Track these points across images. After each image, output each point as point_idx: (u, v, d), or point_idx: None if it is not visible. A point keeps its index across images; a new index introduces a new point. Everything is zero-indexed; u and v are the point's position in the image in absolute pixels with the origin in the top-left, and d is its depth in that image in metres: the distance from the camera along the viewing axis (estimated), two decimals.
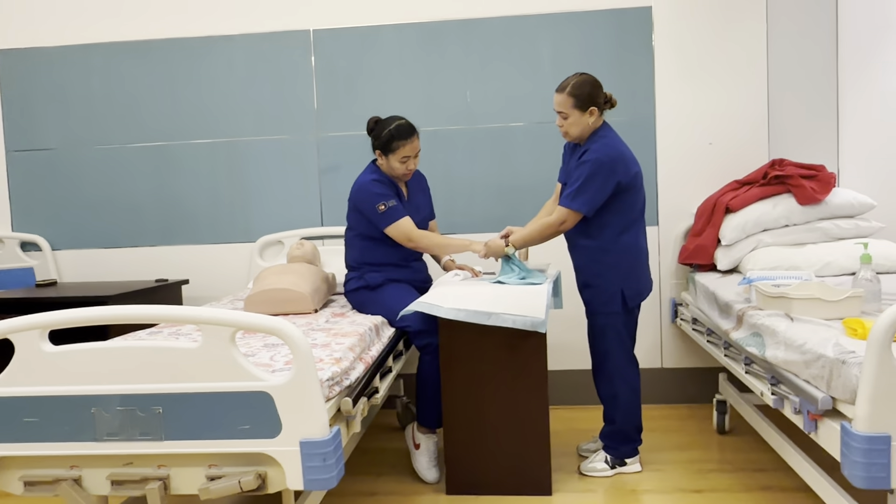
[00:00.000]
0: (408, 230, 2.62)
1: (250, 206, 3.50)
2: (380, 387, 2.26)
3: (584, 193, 2.32)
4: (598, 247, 2.41)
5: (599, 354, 2.48)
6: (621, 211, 2.39)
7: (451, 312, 2.29)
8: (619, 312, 2.41)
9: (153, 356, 1.65)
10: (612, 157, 2.31)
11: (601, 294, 2.42)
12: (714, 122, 3.25)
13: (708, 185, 3.26)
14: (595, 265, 2.42)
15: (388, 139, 2.62)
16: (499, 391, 2.33)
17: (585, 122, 2.38)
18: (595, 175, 2.30)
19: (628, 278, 2.41)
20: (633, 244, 2.42)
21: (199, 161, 3.51)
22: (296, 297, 2.65)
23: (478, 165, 3.39)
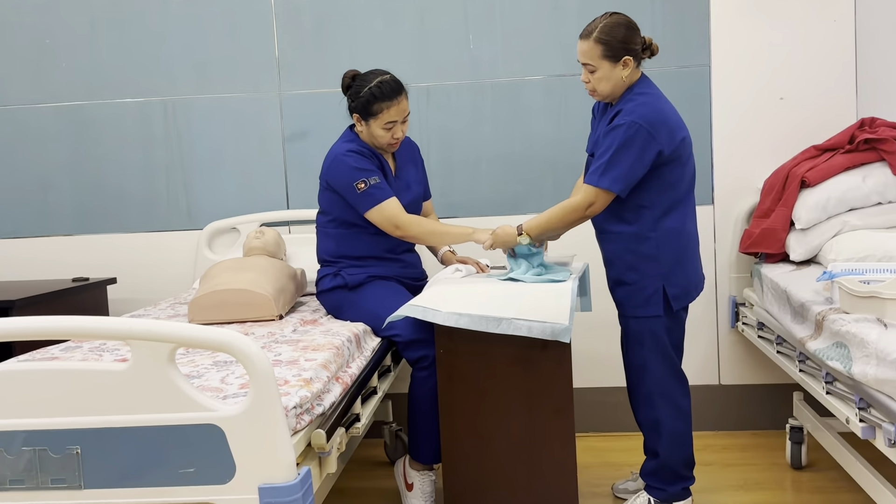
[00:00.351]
0: (394, 215, 2.60)
1: (195, 184, 3.49)
2: (362, 413, 2.26)
3: (616, 167, 2.30)
4: (633, 234, 2.40)
5: (635, 369, 2.47)
6: (663, 188, 2.37)
7: (451, 318, 2.28)
8: (660, 316, 2.41)
9: (68, 381, 1.63)
10: (651, 119, 2.29)
11: (638, 293, 2.41)
12: (786, 71, 3.23)
13: (778, 153, 3.24)
14: (630, 257, 2.41)
15: (368, 100, 2.60)
16: (512, 416, 2.32)
17: (618, 75, 2.35)
18: (630, 143, 2.28)
19: (672, 273, 2.40)
20: (679, 230, 2.41)
21: (126, 126, 3.49)
22: (254, 299, 2.64)
23: (484, 131, 3.37)
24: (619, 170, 2.30)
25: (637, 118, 2.29)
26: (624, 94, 2.39)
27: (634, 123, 2.28)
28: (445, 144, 3.39)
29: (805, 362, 2.46)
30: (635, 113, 2.30)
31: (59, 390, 1.63)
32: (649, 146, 2.29)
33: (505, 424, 2.33)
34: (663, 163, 2.34)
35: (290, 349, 2.24)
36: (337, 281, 2.72)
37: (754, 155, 3.26)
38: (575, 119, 3.31)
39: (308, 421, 1.84)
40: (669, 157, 2.34)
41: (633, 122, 2.28)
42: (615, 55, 2.33)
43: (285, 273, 2.84)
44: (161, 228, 3.51)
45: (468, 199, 3.39)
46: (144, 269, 3.51)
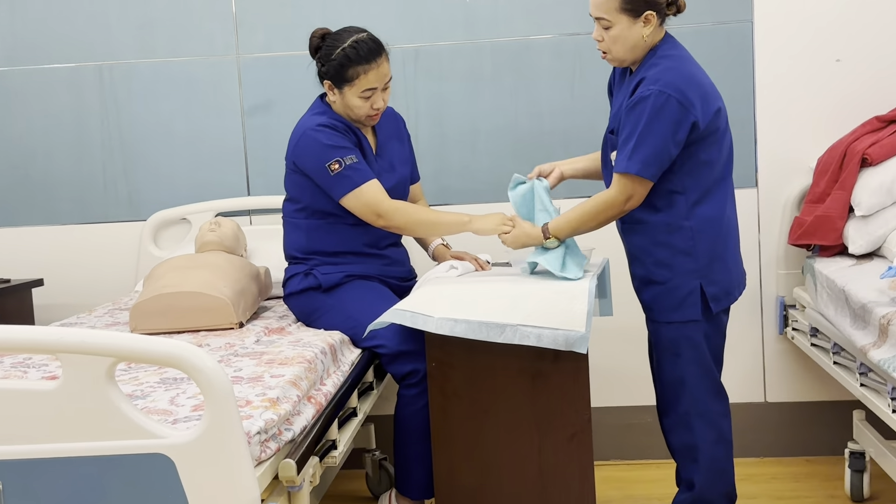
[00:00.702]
0: (376, 201, 2.61)
1: (137, 167, 3.49)
2: (339, 439, 2.25)
3: (644, 146, 2.29)
4: (665, 224, 2.40)
5: (669, 385, 2.48)
6: (698, 169, 2.37)
7: (446, 325, 2.28)
8: (698, 321, 2.41)
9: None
10: (681, 86, 2.29)
11: (671, 294, 2.42)
12: (843, 28, 3.24)
13: (834, 126, 3.25)
14: (661, 251, 2.41)
15: (341, 63, 2.61)
16: (518, 443, 2.33)
17: (637, 34, 2.35)
18: (658, 117, 2.28)
19: (711, 269, 2.40)
20: (718, 217, 2.41)
21: (53, 97, 3.49)
22: (209, 304, 2.64)
23: (482, 101, 3.37)
24: (647, 150, 2.29)
25: (664, 86, 2.28)
26: (645, 59, 2.39)
27: (662, 93, 2.27)
28: (436, 117, 3.38)
29: (867, 375, 2.46)
30: (661, 80, 2.29)
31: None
32: (683, 117, 2.28)
33: (510, 451, 2.33)
34: (697, 139, 2.34)
35: (253, 363, 2.23)
36: (308, 281, 2.72)
37: (805, 128, 3.27)
38: (591, 85, 3.30)
39: (275, 449, 1.84)
40: (704, 131, 2.33)
41: (661, 92, 2.27)
42: (635, 9, 2.33)
43: (246, 272, 2.84)
44: (97, 220, 3.51)
45: (463, 181, 3.39)
46: (77, 269, 3.50)
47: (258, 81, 3.43)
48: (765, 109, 3.28)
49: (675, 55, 2.37)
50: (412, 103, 3.38)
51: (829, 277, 2.79)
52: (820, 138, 3.25)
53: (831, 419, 3.34)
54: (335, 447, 2.20)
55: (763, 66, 3.27)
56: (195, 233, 3.34)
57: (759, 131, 3.29)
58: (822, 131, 3.25)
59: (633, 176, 2.31)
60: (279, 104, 3.42)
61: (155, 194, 3.48)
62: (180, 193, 3.47)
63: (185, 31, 3.43)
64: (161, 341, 1.60)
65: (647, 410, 3.36)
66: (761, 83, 3.28)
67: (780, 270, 3.29)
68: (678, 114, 2.28)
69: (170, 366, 1.60)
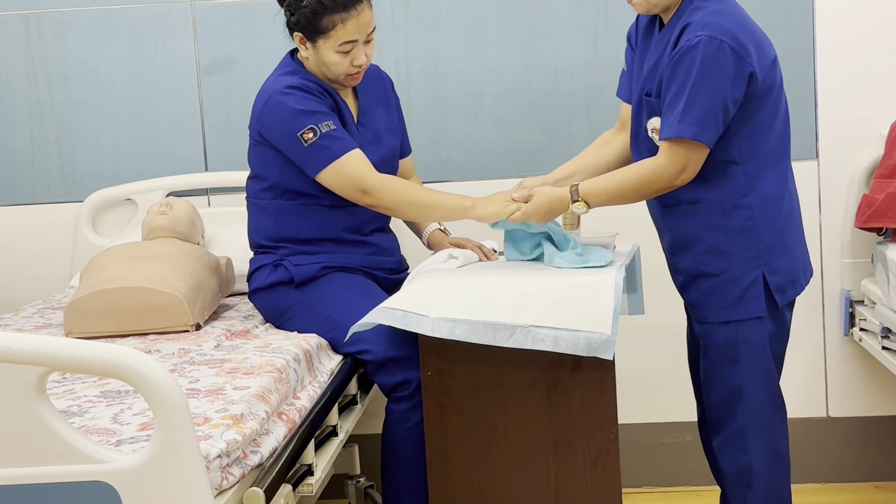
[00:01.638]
0: (359, 175, 2.62)
1: (72, 138, 3.50)
2: (316, 463, 2.26)
3: (697, 104, 2.30)
4: (718, 202, 2.41)
5: (722, 395, 2.49)
6: (756, 133, 2.39)
7: (444, 326, 2.29)
8: (762, 318, 2.42)
9: None
10: (732, 30, 2.30)
11: (728, 288, 2.43)
12: None
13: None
14: (714, 236, 2.42)
15: (314, 11, 2.62)
16: (531, 466, 2.34)
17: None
18: (711, 67, 2.29)
19: (775, 254, 2.42)
20: (779, 193, 2.43)
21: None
22: (160, 302, 2.66)
23: (488, 57, 3.38)
24: (701, 108, 2.29)
25: (714, 31, 2.29)
26: (683, 3, 2.39)
27: (713, 39, 2.28)
28: (432, 77, 3.39)
29: None
30: (711, 24, 2.30)
31: None
32: (739, 69, 2.30)
33: (521, 478, 2.34)
34: (754, 95, 2.35)
35: (213, 373, 2.24)
36: (278, 274, 2.73)
37: (875, 91, 3.28)
38: (618, 38, 3.27)
39: (239, 475, 1.84)
40: (762, 85, 2.35)
41: (712, 38, 2.28)
42: None
43: (203, 263, 2.84)
44: (23, 201, 3.52)
45: (465, 154, 3.40)
46: (0, 260, 3.51)
47: (216, 34, 3.43)
48: (827, 69, 3.29)
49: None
50: (402, 60, 3.38)
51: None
52: (892, 101, 3.26)
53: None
54: (311, 472, 2.21)
55: (824, 17, 3.28)
56: (142, 216, 3.34)
57: (819, 93, 3.30)
58: (894, 93, 3.26)
59: (688, 141, 2.31)
60: (242, 61, 3.42)
61: (94, 170, 3.49)
62: (124, 169, 3.48)
63: None
64: (101, 347, 1.60)
65: (685, 427, 3.36)
66: (823, 36, 3.28)
67: (846, 259, 3.30)
68: (734, 63, 2.29)
69: (112, 376, 1.61)
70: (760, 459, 2.46)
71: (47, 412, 1.62)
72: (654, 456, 3.42)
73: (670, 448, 3.41)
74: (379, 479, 2.75)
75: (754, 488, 2.47)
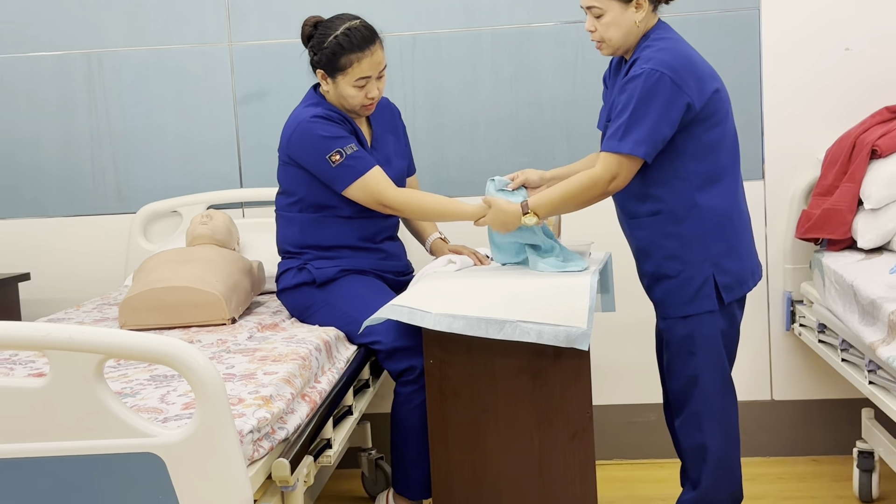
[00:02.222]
0: (380, 188, 2.63)
1: (126, 158, 3.49)
2: (334, 438, 2.26)
3: (638, 126, 2.30)
4: (670, 213, 2.41)
5: (681, 382, 2.48)
6: (701, 153, 2.39)
7: (443, 321, 2.29)
8: (713, 312, 2.42)
9: None
10: (673, 65, 2.31)
11: (684, 287, 2.42)
12: (853, 15, 3.24)
13: (843, 116, 3.25)
14: (670, 242, 2.42)
15: (334, 51, 2.61)
16: (518, 441, 2.33)
17: (630, 20, 2.37)
18: (651, 95, 2.29)
19: (723, 256, 2.42)
20: (727, 207, 2.43)
21: (40, 86, 3.49)
22: (201, 299, 2.65)
23: (482, 90, 3.37)
24: (641, 129, 2.30)
25: (657, 65, 2.30)
26: (639, 44, 2.40)
27: (655, 71, 2.29)
28: (434, 107, 3.38)
29: (876, 372, 2.46)
30: (654, 59, 2.31)
31: None
32: (676, 98, 2.29)
33: (509, 451, 2.34)
34: (695, 121, 2.35)
35: (246, 360, 2.23)
36: (302, 276, 2.72)
37: (814, 119, 3.27)
38: (594, 75, 3.29)
39: (268, 448, 1.84)
40: (701, 113, 2.34)
41: (654, 70, 2.29)
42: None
43: (238, 267, 2.84)
44: (85, 212, 3.51)
45: (462, 173, 3.39)
46: (64, 263, 3.50)
47: (251, 70, 3.43)
48: (772, 100, 3.29)
49: (668, 38, 2.39)
50: (409, 93, 3.38)
51: (838, 272, 2.79)
52: (828, 129, 3.25)
53: (839, 418, 3.34)
54: (330, 446, 2.21)
55: (770, 56, 3.27)
56: (186, 226, 3.34)
57: (765, 122, 3.30)
58: (830, 122, 3.25)
59: (622, 155, 2.32)
60: (273, 93, 3.42)
61: (145, 186, 3.48)
62: (171, 185, 3.47)
63: (175, 18, 3.42)
64: (151, 338, 1.60)
65: (650, 408, 3.37)
66: (768, 73, 3.28)
67: (788, 265, 3.30)
68: (671, 92, 2.29)
69: (160, 363, 1.60)
70: (713, 437, 2.46)
71: (104, 393, 1.62)
72: (623, 432, 3.42)
73: (638, 426, 3.41)
74: (388, 452, 2.75)
75: (708, 461, 2.47)
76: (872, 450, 2.91)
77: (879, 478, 2.95)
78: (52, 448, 1.61)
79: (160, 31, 3.43)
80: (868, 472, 2.93)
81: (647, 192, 2.42)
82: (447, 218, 2.68)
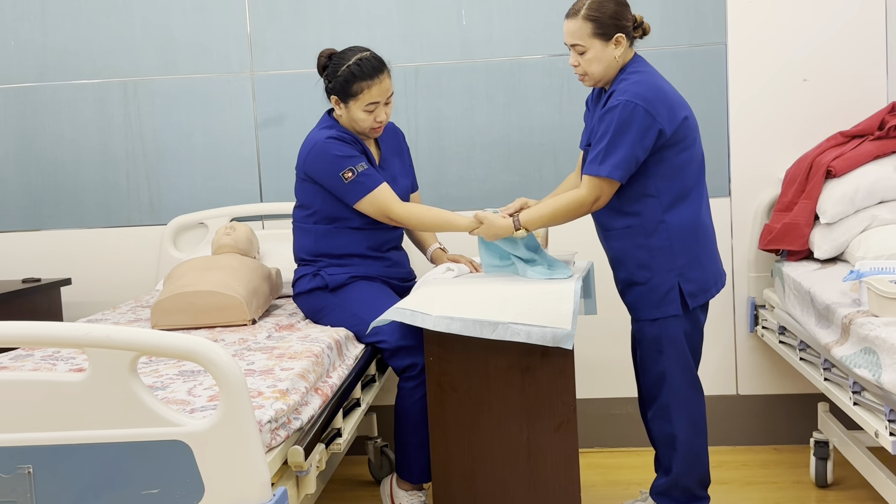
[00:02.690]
0: (387, 203, 2.62)
1: (158, 175, 3.48)
2: (344, 428, 2.25)
3: (616, 152, 2.31)
4: (641, 227, 2.42)
5: (651, 378, 2.48)
6: (670, 174, 2.39)
7: (442, 322, 2.28)
8: (677, 316, 2.42)
9: (18, 393, 1.62)
10: (647, 96, 2.32)
11: (652, 293, 2.43)
12: (810, 50, 3.24)
13: (801, 140, 3.26)
14: (640, 253, 2.43)
15: (346, 79, 2.61)
16: (509, 431, 2.33)
17: (610, 55, 2.38)
18: (627, 124, 2.30)
19: (687, 267, 2.42)
20: (692, 221, 2.43)
21: (82, 110, 3.48)
22: (224, 302, 2.64)
23: (477, 116, 3.37)
24: (618, 155, 2.32)
25: (632, 97, 2.31)
26: (617, 76, 2.42)
27: (630, 103, 2.30)
28: (435, 130, 3.38)
29: (831, 370, 2.47)
30: (629, 91, 2.32)
31: (8, 403, 1.62)
32: (650, 125, 2.31)
33: (501, 439, 2.33)
34: (666, 145, 2.36)
35: (265, 357, 2.23)
36: (316, 282, 2.71)
37: (775, 142, 3.27)
38: (577, 103, 3.31)
39: (284, 436, 1.84)
40: (672, 138, 2.36)
41: (629, 102, 2.30)
42: (606, 32, 2.36)
43: (258, 273, 2.84)
44: (121, 224, 3.50)
45: (460, 190, 3.39)
46: (102, 269, 3.50)
47: (271, 97, 3.43)
48: (737, 125, 3.29)
49: (642, 71, 2.40)
50: (412, 118, 3.38)
51: (796, 280, 2.79)
52: (788, 152, 3.26)
53: (798, 411, 3.34)
54: (340, 435, 2.21)
55: (736, 85, 3.28)
56: (212, 236, 3.34)
57: (732, 145, 3.29)
58: (790, 145, 3.26)
59: (603, 178, 2.33)
60: (290, 118, 3.42)
61: (175, 200, 3.48)
62: (198, 199, 3.47)
63: (203, 50, 3.42)
64: (180, 336, 1.60)
65: (628, 402, 3.37)
66: (734, 101, 3.28)
67: (751, 273, 3.29)
68: (645, 121, 2.31)
69: (188, 359, 1.60)
70: (682, 428, 2.46)
71: (137, 387, 1.62)
72: (604, 423, 3.41)
73: (616, 417, 3.40)
74: (392, 440, 2.74)
75: (678, 450, 2.46)
76: (827, 440, 2.91)
77: (834, 465, 2.95)
78: (91, 436, 1.62)
79: (189, 61, 3.43)
80: (824, 460, 2.93)
81: (622, 209, 2.43)
82: (444, 229, 2.67)
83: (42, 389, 1.62)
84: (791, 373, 3.33)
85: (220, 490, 1.61)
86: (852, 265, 2.75)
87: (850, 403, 2.29)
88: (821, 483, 2.95)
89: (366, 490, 3.11)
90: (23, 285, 3.18)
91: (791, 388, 3.35)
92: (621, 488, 3.01)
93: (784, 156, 3.26)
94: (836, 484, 2.96)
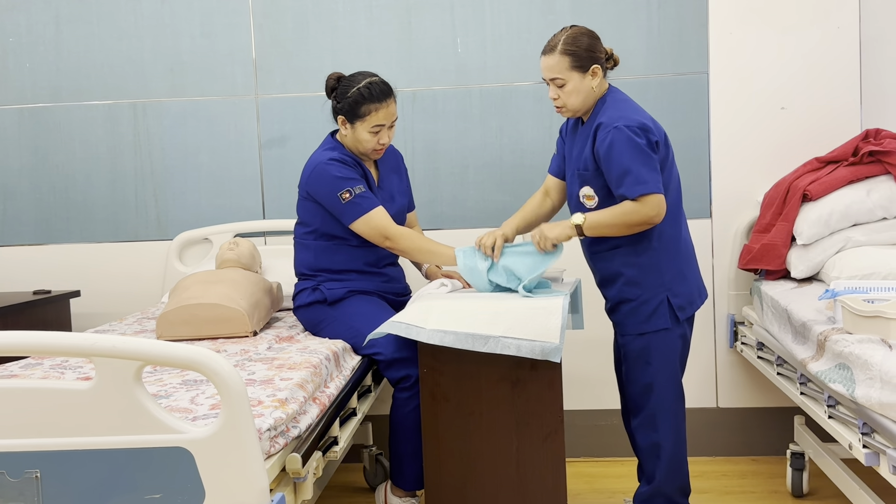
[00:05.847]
0: (383, 225, 2.62)
1: (165, 192, 3.48)
2: (340, 436, 2.25)
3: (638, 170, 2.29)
4: (632, 246, 2.42)
5: (638, 388, 2.48)
6: None
7: (436, 335, 2.28)
8: (667, 329, 2.43)
9: (28, 400, 1.62)
10: (632, 117, 2.35)
11: (641, 309, 2.43)
12: (787, 79, 3.26)
13: (779, 165, 3.26)
14: (631, 271, 2.43)
15: (356, 100, 2.62)
16: (499, 440, 2.32)
17: (588, 86, 2.40)
18: (630, 144, 2.31)
19: (674, 281, 2.43)
20: (676, 238, 2.44)
21: (92, 130, 3.48)
22: (227, 314, 2.64)
23: (471, 139, 3.38)
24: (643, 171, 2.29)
25: (618, 122, 2.33)
26: (595, 107, 2.44)
27: (621, 128, 2.32)
28: (431, 152, 3.39)
29: (806, 385, 2.47)
30: (614, 117, 2.35)
31: (17, 410, 1.61)
32: (647, 138, 2.33)
33: (492, 448, 2.33)
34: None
35: (265, 368, 2.23)
36: (315, 296, 2.71)
37: (754, 167, 3.28)
38: None
39: (283, 444, 1.83)
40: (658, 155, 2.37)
41: (619, 128, 2.32)
42: (583, 65, 2.38)
43: (260, 287, 2.83)
44: (129, 238, 3.50)
45: (454, 209, 3.39)
46: (110, 282, 3.49)
47: (274, 119, 3.43)
48: (718, 149, 3.30)
49: (620, 99, 2.43)
50: (409, 140, 3.38)
51: (774, 298, 2.80)
52: (766, 176, 3.27)
53: (775, 423, 3.34)
54: (336, 443, 2.20)
55: (717, 112, 3.29)
56: (216, 251, 3.33)
57: (713, 168, 3.31)
58: (768, 170, 3.27)
59: (651, 194, 2.30)
60: (292, 139, 3.42)
61: (180, 216, 3.47)
62: (203, 216, 3.47)
63: (210, 74, 3.43)
64: (183, 347, 1.60)
65: (613, 413, 3.36)
66: (715, 127, 3.29)
67: (731, 291, 3.30)
68: (642, 136, 2.33)
69: (191, 369, 1.60)
70: (667, 437, 2.46)
71: (142, 395, 1.61)
72: (590, 434, 3.40)
73: (602, 428, 3.40)
74: (387, 449, 2.73)
75: (661, 459, 2.46)
76: (803, 451, 2.90)
77: (809, 475, 2.94)
78: (97, 442, 1.61)
79: (197, 84, 3.44)
80: (800, 471, 2.92)
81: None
82: (436, 260, 2.64)
83: (50, 397, 1.62)
84: (769, 387, 3.32)
85: (220, 495, 1.60)
86: (827, 284, 2.76)
87: (825, 417, 2.29)
88: (797, 493, 2.94)
89: (361, 497, 3.10)
90: (34, 297, 3.17)
91: (769, 401, 3.35)
92: (606, 496, 3.00)
93: (763, 180, 3.27)
94: (811, 494, 2.96)
